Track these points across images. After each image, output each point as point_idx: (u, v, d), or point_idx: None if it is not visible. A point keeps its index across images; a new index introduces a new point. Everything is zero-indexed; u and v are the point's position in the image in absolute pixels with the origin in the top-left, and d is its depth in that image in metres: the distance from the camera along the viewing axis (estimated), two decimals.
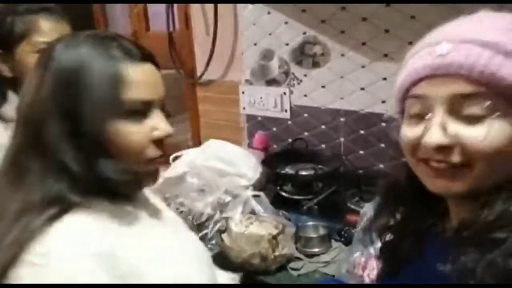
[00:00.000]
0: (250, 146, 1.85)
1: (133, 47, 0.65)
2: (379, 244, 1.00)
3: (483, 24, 0.54)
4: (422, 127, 0.54)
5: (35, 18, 0.99)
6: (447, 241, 0.58)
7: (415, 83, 0.56)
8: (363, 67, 1.51)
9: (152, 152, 0.64)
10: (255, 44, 1.76)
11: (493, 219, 0.51)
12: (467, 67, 0.50)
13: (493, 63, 0.50)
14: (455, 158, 0.52)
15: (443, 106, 0.53)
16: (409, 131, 0.57)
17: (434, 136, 0.52)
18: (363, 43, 1.48)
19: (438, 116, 0.53)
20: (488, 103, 0.50)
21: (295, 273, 1.16)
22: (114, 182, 0.61)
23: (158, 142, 0.65)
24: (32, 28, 0.98)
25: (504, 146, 0.50)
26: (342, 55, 1.55)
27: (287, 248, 1.18)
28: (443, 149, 0.52)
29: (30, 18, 0.99)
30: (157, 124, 0.64)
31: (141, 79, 0.63)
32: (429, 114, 0.54)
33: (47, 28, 0.99)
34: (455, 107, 0.52)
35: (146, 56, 0.66)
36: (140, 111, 0.63)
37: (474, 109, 0.51)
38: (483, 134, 0.50)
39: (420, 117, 0.55)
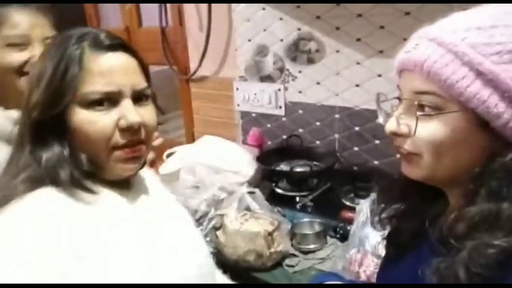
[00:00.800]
0: (244, 142, 1.84)
1: (103, 36, 0.64)
2: (375, 241, 1.00)
3: (452, 22, 0.55)
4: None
5: (6, 11, 0.95)
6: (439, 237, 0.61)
7: (399, 74, 0.60)
8: (358, 63, 1.51)
9: (115, 140, 0.63)
10: (249, 40, 1.75)
11: (455, 225, 0.55)
12: (419, 65, 0.53)
13: (440, 62, 0.52)
14: (406, 147, 0.58)
15: (406, 99, 0.57)
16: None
17: (389, 124, 0.59)
18: (358, 40, 1.48)
19: (400, 107, 0.58)
20: (435, 101, 0.53)
21: (290, 269, 1.16)
22: (60, 171, 0.61)
23: (126, 131, 0.64)
24: (2, 21, 0.95)
25: (440, 143, 0.54)
26: (337, 51, 1.54)
27: (282, 244, 1.18)
28: (399, 137, 0.58)
29: (2, 11, 0.95)
30: (124, 113, 0.63)
31: (104, 70, 0.63)
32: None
33: (19, 21, 0.95)
34: (413, 102, 0.56)
35: (115, 46, 0.65)
36: (106, 100, 0.63)
37: (426, 106, 0.54)
38: (424, 130, 0.55)
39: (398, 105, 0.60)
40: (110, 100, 0.63)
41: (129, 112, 0.63)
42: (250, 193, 1.31)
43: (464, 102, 0.51)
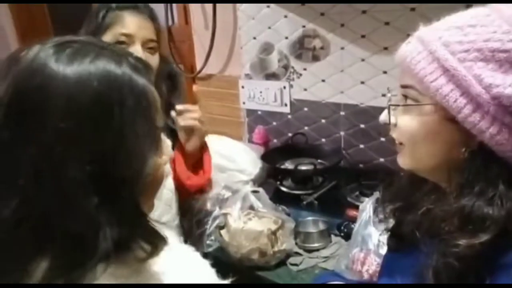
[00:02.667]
0: (250, 140, 1.85)
1: (137, 62, 0.53)
2: (378, 240, 1.00)
3: (441, 22, 0.57)
4: None
5: (121, 13, 1.10)
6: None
7: None
8: (363, 60, 1.50)
9: None
10: (254, 38, 1.75)
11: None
12: (403, 60, 0.58)
13: (416, 58, 0.55)
14: (394, 136, 0.63)
15: (399, 92, 0.61)
16: None
17: (382, 114, 0.63)
18: (363, 36, 1.47)
19: (393, 99, 0.63)
20: (414, 95, 0.57)
21: (294, 268, 1.16)
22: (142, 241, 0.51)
23: None
24: (117, 21, 1.09)
25: (414, 133, 0.58)
26: (342, 48, 1.53)
27: (286, 243, 1.18)
28: (392, 127, 0.63)
29: (118, 13, 1.10)
30: (165, 147, 0.57)
31: (158, 100, 0.54)
32: None
33: (129, 22, 1.09)
34: (401, 94, 0.60)
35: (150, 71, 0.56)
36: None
37: (408, 98, 0.59)
38: (403, 121, 0.60)
39: None
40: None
41: (168, 146, 0.57)
42: (254, 192, 1.31)
43: (431, 96, 0.55)
